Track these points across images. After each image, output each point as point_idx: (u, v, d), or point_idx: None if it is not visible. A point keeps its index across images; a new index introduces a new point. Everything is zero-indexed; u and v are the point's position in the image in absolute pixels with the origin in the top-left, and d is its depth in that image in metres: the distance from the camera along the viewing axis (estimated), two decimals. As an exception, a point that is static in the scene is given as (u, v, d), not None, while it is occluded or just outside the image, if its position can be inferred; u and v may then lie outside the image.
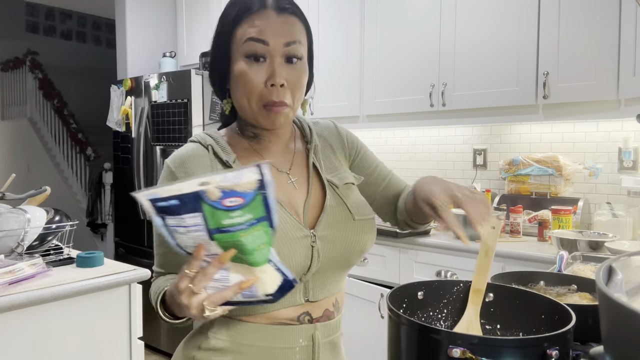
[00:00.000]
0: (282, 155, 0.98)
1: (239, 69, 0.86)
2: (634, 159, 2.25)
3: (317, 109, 3.06)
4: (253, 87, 0.86)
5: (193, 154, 0.93)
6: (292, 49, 0.87)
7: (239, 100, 0.89)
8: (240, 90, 0.88)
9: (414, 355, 0.65)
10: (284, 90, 0.86)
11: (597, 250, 1.90)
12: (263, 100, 0.86)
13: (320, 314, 0.92)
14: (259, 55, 0.85)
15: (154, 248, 0.94)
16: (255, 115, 0.89)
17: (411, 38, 2.64)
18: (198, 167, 0.91)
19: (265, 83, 0.85)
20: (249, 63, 0.85)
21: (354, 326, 2.46)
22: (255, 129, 0.94)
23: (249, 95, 0.87)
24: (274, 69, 0.85)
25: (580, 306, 0.84)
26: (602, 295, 0.46)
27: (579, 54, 2.10)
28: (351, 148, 1.07)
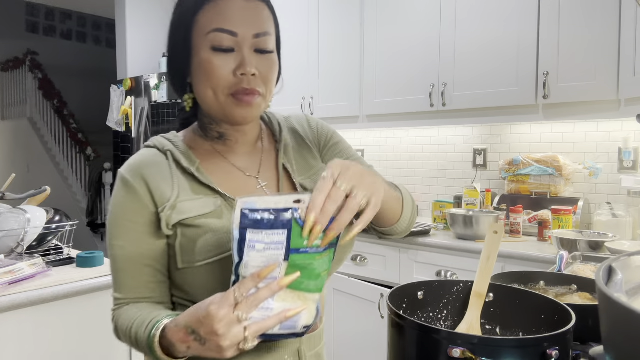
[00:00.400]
0: (249, 157, 0.90)
1: (203, 58, 0.78)
2: (634, 159, 2.25)
3: (317, 109, 3.06)
4: (220, 76, 0.78)
5: (150, 161, 0.83)
6: (262, 41, 0.79)
7: (202, 93, 0.80)
8: (204, 82, 0.79)
9: (414, 355, 0.65)
10: (256, 79, 0.78)
11: (597, 250, 1.90)
12: (232, 89, 0.78)
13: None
14: (227, 48, 0.78)
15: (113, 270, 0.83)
16: (223, 107, 0.80)
17: (411, 38, 2.64)
18: (157, 175, 0.82)
19: (234, 72, 0.78)
20: (215, 54, 0.78)
21: (354, 326, 2.46)
22: (220, 127, 0.86)
23: (214, 86, 0.78)
24: (244, 57, 0.78)
25: (580, 306, 0.84)
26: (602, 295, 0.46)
27: (579, 54, 2.10)
28: (320, 136, 0.98)
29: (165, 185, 0.81)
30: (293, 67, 3.15)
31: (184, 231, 0.79)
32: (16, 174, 2.28)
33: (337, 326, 2.54)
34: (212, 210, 0.80)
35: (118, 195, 0.83)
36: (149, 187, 0.81)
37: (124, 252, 0.82)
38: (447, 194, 2.89)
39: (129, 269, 0.82)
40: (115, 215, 0.83)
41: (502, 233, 0.80)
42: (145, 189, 0.81)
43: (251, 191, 0.86)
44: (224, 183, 0.85)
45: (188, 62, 0.82)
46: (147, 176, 0.82)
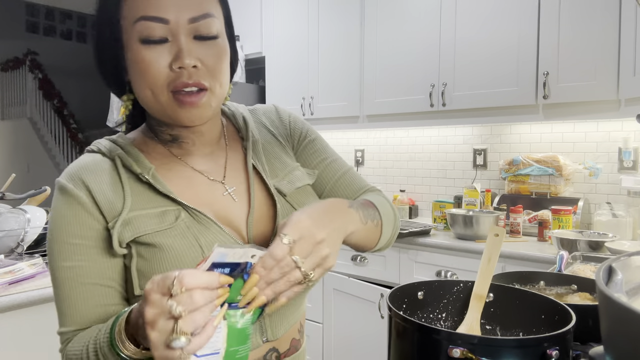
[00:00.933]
0: (211, 158, 0.78)
1: (134, 54, 0.66)
2: (634, 159, 2.25)
3: (317, 109, 3.06)
4: (155, 73, 0.66)
5: (93, 167, 0.71)
6: (201, 25, 0.67)
7: (140, 93, 0.69)
8: (139, 80, 0.67)
9: (414, 355, 0.65)
10: (198, 72, 0.67)
11: (597, 250, 1.90)
12: (170, 86, 0.66)
13: (287, 347, 0.79)
14: (158, 38, 0.65)
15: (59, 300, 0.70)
16: (165, 109, 0.68)
17: (411, 38, 2.64)
18: (103, 184, 0.70)
19: (171, 66, 0.66)
20: (146, 47, 0.66)
21: (354, 326, 2.46)
22: (171, 129, 0.74)
23: (151, 84, 0.66)
24: (180, 47, 0.65)
25: (581, 306, 0.84)
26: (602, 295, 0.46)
27: (579, 54, 2.10)
28: (294, 132, 0.87)
29: (114, 195, 0.70)
30: (293, 67, 3.15)
31: (140, 250, 0.69)
32: (16, 174, 2.28)
33: (337, 326, 2.54)
34: (172, 225, 0.70)
35: (58, 208, 0.70)
36: (93, 196, 0.69)
37: (73, 274, 0.69)
38: (447, 194, 2.89)
39: (80, 293, 0.69)
40: (56, 233, 0.70)
41: (504, 236, 0.80)
42: (89, 198, 0.69)
43: (216, 199, 0.75)
44: (185, 191, 0.74)
45: (122, 57, 0.70)
46: (91, 183, 0.70)
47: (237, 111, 0.85)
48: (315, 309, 2.61)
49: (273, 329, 0.76)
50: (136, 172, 0.71)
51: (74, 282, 0.69)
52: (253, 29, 3.37)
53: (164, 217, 0.70)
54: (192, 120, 0.69)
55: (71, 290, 0.69)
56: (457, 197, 2.68)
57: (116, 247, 0.68)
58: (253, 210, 0.76)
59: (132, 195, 0.70)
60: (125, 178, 0.71)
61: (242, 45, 3.41)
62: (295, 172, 0.83)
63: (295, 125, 0.88)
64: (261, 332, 0.75)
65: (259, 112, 0.87)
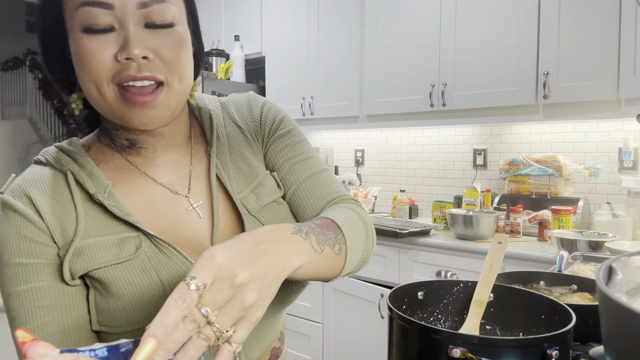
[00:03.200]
0: (174, 167, 0.68)
1: (76, 45, 0.57)
2: (634, 159, 2.25)
3: (317, 109, 3.06)
4: (98, 65, 0.56)
5: (42, 184, 0.62)
6: (152, 11, 0.57)
7: (85, 88, 0.59)
8: (83, 75, 0.58)
9: (414, 355, 0.65)
10: (150, 64, 0.57)
11: (597, 250, 1.90)
12: (116, 79, 0.57)
13: (268, 357, 0.73)
14: (102, 27, 0.56)
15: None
16: (112, 108, 0.58)
17: (411, 38, 2.64)
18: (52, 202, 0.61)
19: (116, 57, 0.56)
20: (89, 37, 0.56)
21: (354, 326, 2.46)
22: (128, 132, 0.64)
23: (95, 78, 0.57)
24: (128, 35, 0.56)
25: (581, 306, 0.84)
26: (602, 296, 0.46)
27: (579, 54, 2.10)
28: (265, 123, 0.74)
29: (64, 217, 0.61)
30: (293, 67, 3.15)
31: (94, 284, 0.61)
32: (16, 174, 2.28)
33: (337, 326, 2.54)
34: (131, 257, 0.61)
35: (2, 227, 0.61)
36: (41, 215, 0.60)
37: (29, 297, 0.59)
38: (447, 194, 2.89)
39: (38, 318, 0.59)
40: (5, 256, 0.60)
41: (507, 243, 0.80)
42: (36, 215, 0.60)
43: (180, 218, 0.65)
44: (146, 210, 0.64)
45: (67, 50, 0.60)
46: (38, 201, 0.61)
47: (205, 108, 0.73)
48: (315, 309, 2.61)
49: (248, 353, 0.68)
50: (90, 192, 0.62)
51: (31, 306, 0.59)
52: (253, 29, 3.37)
53: (122, 246, 0.61)
54: (145, 122, 0.59)
55: (28, 316, 0.59)
56: (457, 197, 2.68)
57: (67, 279, 0.59)
58: (217, 229, 0.66)
59: (86, 218, 0.61)
60: (78, 198, 0.61)
61: (242, 45, 3.42)
62: (265, 184, 0.71)
63: (266, 117, 0.74)
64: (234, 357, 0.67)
65: (230, 105, 0.76)
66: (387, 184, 3.16)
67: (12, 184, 0.64)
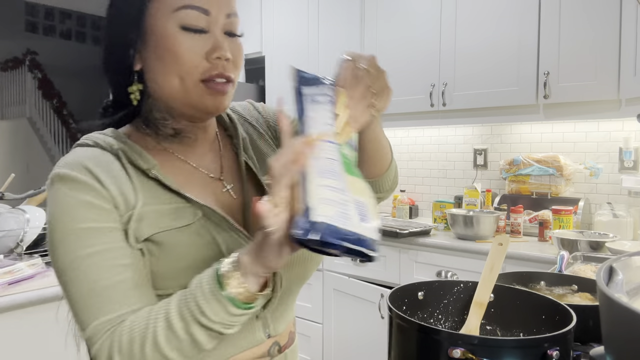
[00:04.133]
0: (209, 156, 0.77)
1: (170, 39, 0.66)
2: (634, 159, 2.25)
3: (317, 108, 3.06)
4: (190, 61, 0.66)
5: (95, 159, 0.67)
6: (232, 22, 0.69)
7: (163, 80, 0.68)
8: (169, 67, 0.66)
9: (414, 356, 0.65)
10: (229, 65, 0.68)
11: (598, 250, 1.89)
12: (203, 74, 0.67)
13: (286, 340, 0.80)
14: (199, 28, 0.66)
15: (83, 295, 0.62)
16: (191, 97, 0.67)
17: (411, 38, 2.64)
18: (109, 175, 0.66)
19: (207, 56, 0.67)
20: (185, 35, 0.66)
21: (354, 326, 2.45)
22: (177, 123, 0.72)
23: (183, 71, 0.66)
24: (218, 39, 0.67)
25: (581, 306, 0.84)
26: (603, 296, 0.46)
27: (579, 54, 2.09)
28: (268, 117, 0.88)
29: (123, 186, 0.66)
30: (293, 67, 3.15)
31: (152, 249, 0.66)
32: (16, 174, 2.28)
33: (337, 326, 2.54)
34: (190, 223, 0.67)
35: (62, 197, 0.64)
36: (101, 183, 0.64)
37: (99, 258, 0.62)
38: (448, 194, 2.88)
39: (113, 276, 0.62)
40: (67, 223, 0.63)
41: (507, 245, 0.80)
42: (97, 184, 0.64)
43: (219, 197, 0.74)
44: (189, 188, 0.71)
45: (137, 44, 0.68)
46: (97, 172, 0.65)
47: None
48: (315, 309, 2.61)
49: (275, 325, 0.77)
50: (142, 168, 0.68)
51: (104, 265, 0.62)
52: (253, 29, 3.36)
53: (179, 214, 0.67)
54: (218, 107, 0.69)
55: (101, 274, 0.61)
56: (457, 197, 2.68)
57: (132, 243, 0.64)
58: (249, 207, 0.74)
59: (142, 190, 0.67)
60: (131, 172, 0.67)
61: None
62: None
63: (269, 110, 0.89)
64: (264, 329, 0.75)
65: (238, 108, 0.87)
66: (387, 184, 3.16)
67: (62, 162, 0.67)
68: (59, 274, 0.63)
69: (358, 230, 0.52)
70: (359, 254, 0.52)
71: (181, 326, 0.58)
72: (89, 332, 0.61)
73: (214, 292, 0.58)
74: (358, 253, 0.52)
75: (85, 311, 0.61)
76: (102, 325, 0.61)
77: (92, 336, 0.61)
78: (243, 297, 0.58)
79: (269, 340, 0.76)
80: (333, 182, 0.55)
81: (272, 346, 0.76)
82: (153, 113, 0.72)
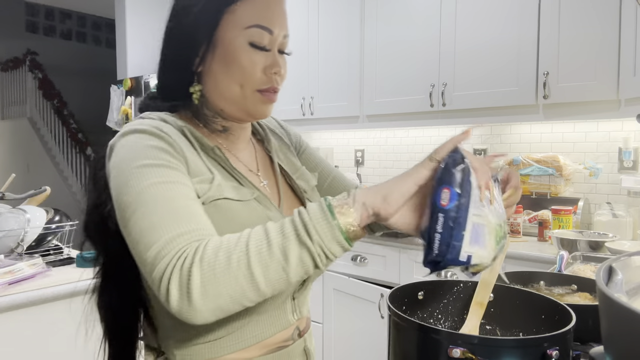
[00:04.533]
0: (247, 153, 0.86)
1: (238, 53, 0.74)
2: (634, 159, 2.25)
3: (317, 109, 3.06)
4: (253, 73, 0.75)
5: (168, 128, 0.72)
6: (286, 42, 0.81)
7: (226, 86, 0.76)
8: (233, 75, 0.75)
9: (414, 356, 0.65)
10: (279, 78, 0.79)
11: (597, 250, 1.90)
12: (260, 85, 0.76)
13: (304, 325, 0.86)
14: (263, 46, 0.76)
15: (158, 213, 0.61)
16: (246, 102, 0.76)
17: (411, 38, 2.64)
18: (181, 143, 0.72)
19: (265, 70, 0.76)
20: (251, 50, 0.75)
21: (354, 326, 2.46)
22: (225, 121, 0.81)
23: (244, 81, 0.75)
24: (276, 57, 0.78)
25: (581, 306, 0.84)
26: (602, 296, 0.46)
27: (579, 54, 2.10)
28: (292, 138, 0.98)
29: (193, 156, 0.72)
30: (293, 67, 3.14)
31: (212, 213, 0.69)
32: (16, 174, 2.28)
33: (337, 326, 2.54)
34: (249, 199, 0.75)
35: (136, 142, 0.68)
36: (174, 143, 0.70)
37: (173, 187, 0.64)
38: (447, 194, 2.88)
39: (186, 203, 0.64)
40: (139, 157, 0.66)
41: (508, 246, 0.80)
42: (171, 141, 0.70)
43: (258, 187, 0.81)
44: None
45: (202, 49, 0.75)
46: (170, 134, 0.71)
47: None
48: (315, 309, 2.61)
49: (300, 309, 0.84)
50: (208, 145, 0.76)
51: (177, 192, 0.64)
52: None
53: (238, 191, 0.75)
54: (266, 113, 0.79)
55: (176, 196, 0.63)
56: (457, 197, 2.68)
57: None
58: (283, 200, 0.84)
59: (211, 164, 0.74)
60: (197, 147, 0.75)
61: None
62: (305, 174, 0.91)
63: (294, 132, 1.00)
64: (293, 311, 0.81)
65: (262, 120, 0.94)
66: (387, 184, 3.16)
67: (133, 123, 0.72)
68: (125, 207, 0.63)
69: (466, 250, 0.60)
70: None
71: (279, 241, 0.58)
72: (157, 247, 0.58)
73: (325, 216, 0.59)
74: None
75: (157, 229, 0.60)
76: (179, 237, 0.59)
77: (162, 249, 0.58)
78: (351, 229, 0.60)
79: (294, 324, 0.82)
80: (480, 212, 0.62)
81: (294, 330, 0.82)
82: (204, 110, 0.79)
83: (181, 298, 0.56)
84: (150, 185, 0.63)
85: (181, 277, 0.56)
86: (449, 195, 0.61)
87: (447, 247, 0.59)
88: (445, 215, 0.60)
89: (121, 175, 0.65)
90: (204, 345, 0.73)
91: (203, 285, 0.56)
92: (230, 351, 0.74)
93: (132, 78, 3.76)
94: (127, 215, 0.62)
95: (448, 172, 0.62)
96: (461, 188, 0.61)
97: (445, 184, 0.62)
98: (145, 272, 0.60)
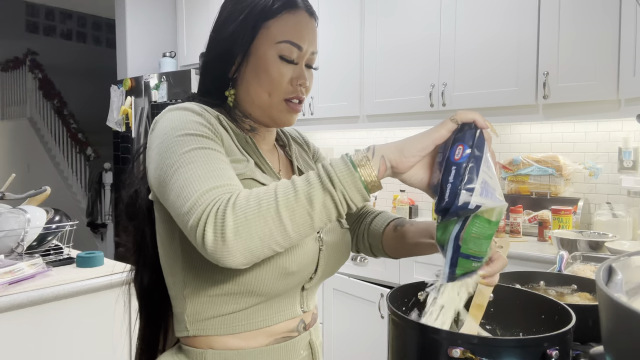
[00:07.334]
0: (271, 153, 0.93)
1: (269, 64, 0.82)
2: (634, 159, 2.25)
3: (317, 109, 3.06)
4: (281, 84, 0.83)
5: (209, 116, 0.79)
6: (313, 58, 0.88)
7: (255, 93, 0.84)
8: (263, 84, 0.83)
9: (414, 356, 0.65)
10: (305, 90, 0.86)
11: (597, 250, 1.90)
12: (286, 95, 0.84)
13: (310, 319, 0.90)
14: (292, 60, 0.83)
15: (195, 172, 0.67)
16: (272, 110, 0.85)
17: (411, 38, 2.64)
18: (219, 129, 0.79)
19: (292, 81, 0.84)
20: (280, 62, 0.83)
21: (354, 326, 2.46)
22: (253, 122, 0.89)
23: (272, 90, 0.83)
24: (302, 70, 0.85)
25: (581, 306, 0.84)
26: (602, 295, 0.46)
27: (579, 54, 2.10)
28: (313, 152, 1.06)
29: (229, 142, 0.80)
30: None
31: None
32: (16, 174, 2.28)
33: (337, 326, 2.54)
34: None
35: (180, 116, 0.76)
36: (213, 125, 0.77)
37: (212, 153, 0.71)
38: (447, 194, 2.88)
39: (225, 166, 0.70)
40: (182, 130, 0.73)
41: (508, 248, 0.80)
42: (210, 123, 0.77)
43: None
44: None
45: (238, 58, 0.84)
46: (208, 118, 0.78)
47: None
48: (315, 309, 2.61)
49: (308, 301, 0.88)
50: (241, 134, 0.83)
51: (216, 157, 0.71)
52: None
53: (266, 179, 0.82)
54: (290, 121, 0.86)
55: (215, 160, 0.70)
56: (457, 197, 2.67)
57: None
58: None
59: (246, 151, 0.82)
60: (232, 135, 0.81)
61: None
62: None
63: (311, 143, 1.06)
64: (301, 303, 0.86)
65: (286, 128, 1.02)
66: (387, 184, 3.16)
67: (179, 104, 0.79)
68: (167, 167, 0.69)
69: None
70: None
71: (304, 189, 0.63)
72: (194, 199, 0.64)
73: (347, 167, 0.65)
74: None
75: (194, 184, 0.65)
76: (215, 189, 0.65)
77: (199, 198, 0.64)
78: (370, 180, 0.65)
79: (300, 316, 0.86)
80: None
81: (300, 322, 0.86)
82: (236, 111, 0.88)
83: (215, 239, 0.61)
84: (191, 150, 0.70)
85: (216, 220, 0.62)
86: (462, 150, 0.66)
87: (456, 195, 0.63)
88: (457, 168, 0.65)
89: (165, 142, 0.72)
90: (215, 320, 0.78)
91: (236, 227, 0.61)
92: (238, 331, 0.78)
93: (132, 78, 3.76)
94: (169, 175, 0.69)
95: (463, 133, 0.68)
96: (474, 146, 0.66)
97: (459, 142, 0.67)
98: (182, 223, 0.66)
